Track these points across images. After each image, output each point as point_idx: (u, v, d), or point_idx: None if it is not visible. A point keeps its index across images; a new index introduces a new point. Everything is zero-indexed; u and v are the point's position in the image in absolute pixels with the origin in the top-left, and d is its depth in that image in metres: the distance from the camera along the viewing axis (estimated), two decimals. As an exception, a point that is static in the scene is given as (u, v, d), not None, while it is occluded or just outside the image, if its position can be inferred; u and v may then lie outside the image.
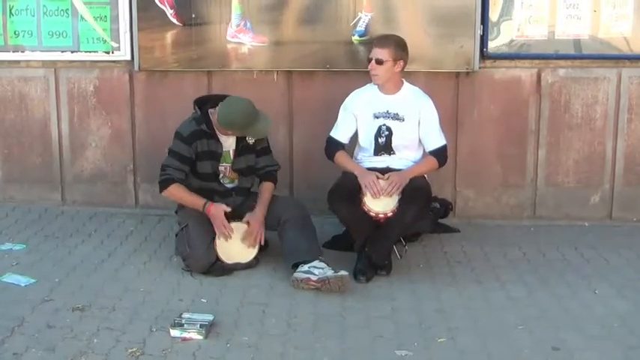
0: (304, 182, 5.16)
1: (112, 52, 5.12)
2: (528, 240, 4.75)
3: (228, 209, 4.07)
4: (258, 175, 4.31)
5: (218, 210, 4.03)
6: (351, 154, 4.34)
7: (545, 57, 4.95)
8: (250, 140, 4.18)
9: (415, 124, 4.19)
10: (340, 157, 4.26)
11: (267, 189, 4.25)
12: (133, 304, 3.63)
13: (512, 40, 4.91)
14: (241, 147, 4.18)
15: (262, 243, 4.12)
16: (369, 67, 4.14)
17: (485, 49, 4.90)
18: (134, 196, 5.36)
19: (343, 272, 3.82)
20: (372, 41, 4.45)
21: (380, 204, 3.98)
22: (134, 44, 5.04)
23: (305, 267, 3.87)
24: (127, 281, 3.95)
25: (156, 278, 4.01)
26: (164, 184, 4.07)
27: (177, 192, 4.07)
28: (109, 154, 5.31)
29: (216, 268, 4.02)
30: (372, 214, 3.98)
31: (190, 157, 4.07)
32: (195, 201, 4.06)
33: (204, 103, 4.17)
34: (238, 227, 4.07)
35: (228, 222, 4.04)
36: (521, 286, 3.96)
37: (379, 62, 4.10)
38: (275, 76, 5.09)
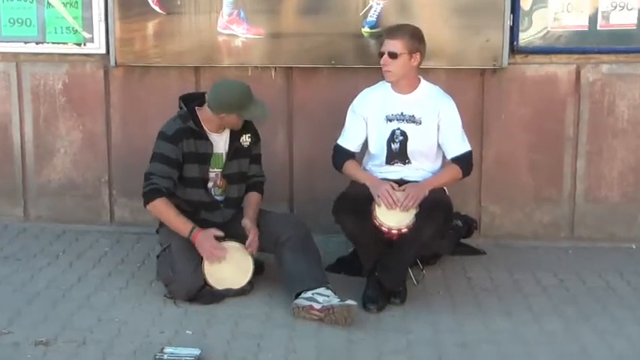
0: (305, 195, 5.18)
1: (85, 44, 5.14)
2: (566, 264, 4.75)
3: (221, 234, 4.05)
4: (246, 183, 4.33)
5: (206, 235, 4.01)
6: (360, 164, 4.34)
7: (585, 51, 4.96)
8: (245, 142, 4.19)
9: (434, 127, 4.18)
10: (350, 166, 4.26)
11: (255, 200, 4.30)
12: (106, 337, 3.61)
13: (547, 32, 4.92)
14: (235, 149, 4.18)
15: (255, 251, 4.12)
16: (381, 61, 4.13)
17: (515, 43, 4.92)
18: (109, 212, 5.37)
19: (350, 301, 3.81)
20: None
21: (394, 218, 3.95)
22: (110, 35, 5.06)
23: (308, 293, 3.87)
24: (99, 310, 3.94)
25: (134, 306, 4.00)
26: (149, 196, 4.02)
27: (164, 209, 4.03)
28: (80, 162, 5.32)
29: (204, 294, 4.01)
30: (384, 229, 3.95)
31: (177, 159, 4.05)
32: (181, 225, 4.02)
33: (192, 100, 4.19)
34: (230, 247, 4.06)
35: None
36: (557, 318, 3.94)
37: (392, 56, 4.09)
38: (273, 73, 5.11)
